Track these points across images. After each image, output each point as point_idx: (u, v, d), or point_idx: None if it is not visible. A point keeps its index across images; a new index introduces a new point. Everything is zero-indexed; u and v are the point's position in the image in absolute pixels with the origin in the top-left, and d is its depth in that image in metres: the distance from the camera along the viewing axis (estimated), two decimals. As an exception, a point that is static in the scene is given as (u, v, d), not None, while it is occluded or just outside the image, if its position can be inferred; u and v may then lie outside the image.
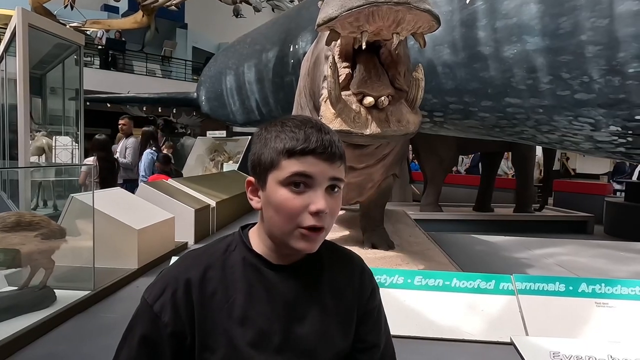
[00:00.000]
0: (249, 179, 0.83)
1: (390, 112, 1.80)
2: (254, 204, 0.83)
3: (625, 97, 2.97)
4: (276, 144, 0.77)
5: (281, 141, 0.77)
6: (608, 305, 1.66)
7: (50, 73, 6.95)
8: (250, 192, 0.83)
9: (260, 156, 0.79)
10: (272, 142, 0.78)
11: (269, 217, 0.79)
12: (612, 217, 7.70)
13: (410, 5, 1.51)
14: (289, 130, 0.78)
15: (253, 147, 0.82)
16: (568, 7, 2.99)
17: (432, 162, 7.30)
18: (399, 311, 1.71)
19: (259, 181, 0.80)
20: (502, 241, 3.54)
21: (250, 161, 0.82)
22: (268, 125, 0.82)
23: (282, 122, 0.81)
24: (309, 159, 0.76)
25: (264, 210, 0.80)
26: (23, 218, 1.70)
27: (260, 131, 0.83)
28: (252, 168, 0.81)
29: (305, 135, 0.77)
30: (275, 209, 0.77)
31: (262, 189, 0.80)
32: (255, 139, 0.83)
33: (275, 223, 0.78)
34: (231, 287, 0.79)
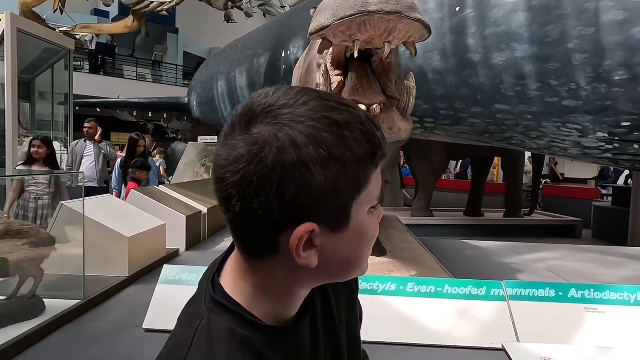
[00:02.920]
0: (303, 229, 0.47)
1: (382, 120, 1.82)
2: (313, 260, 0.50)
3: (612, 104, 3.03)
4: (357, 151, 0.48)
5: (361, 144, 0.48)
6: (597, 311, 1.69)
7: (39, 78, 6.89)
8: (305, 248, 0.49)
9: (337, 181, 0.47)
10: (348, 151, 0.47)
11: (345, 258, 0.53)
12: (600, 222, 7.81)
13: (401, 14, 1.53)
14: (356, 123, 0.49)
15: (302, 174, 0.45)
16: (555, 15, 3.04)
17: (423, 167, 7.36)
18: (391, 318, 1.71)
19: (331, 221, 0.49)
20: (493, 246, 3.57)
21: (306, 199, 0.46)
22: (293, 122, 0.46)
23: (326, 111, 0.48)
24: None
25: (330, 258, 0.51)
26: (11, 226, 1.67)
27: (285, 139, 0.46)
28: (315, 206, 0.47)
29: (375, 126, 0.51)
30: (362, 242, 0.53)
31: (336, 232, 0.50)
32: (288, 158, 0.45)
33: (356, 261, 0.54)
34: None
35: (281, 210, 0.46)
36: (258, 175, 0.45)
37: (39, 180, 3.87)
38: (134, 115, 11.30)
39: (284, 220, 0.47)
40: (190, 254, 3.11)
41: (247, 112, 0.49)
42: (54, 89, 6.75)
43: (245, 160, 0.46)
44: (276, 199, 0.46)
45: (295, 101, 0.48)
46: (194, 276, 1.89)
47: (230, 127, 0.50)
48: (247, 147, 0.46)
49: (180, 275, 1.90)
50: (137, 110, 11.00)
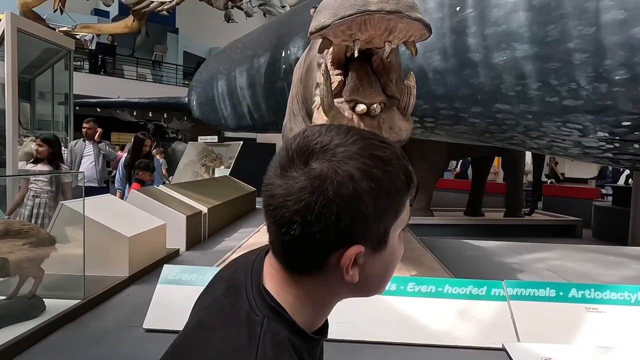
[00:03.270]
0: (354, 251, 0.54)
1: (382, 120, 1.81)
2: (355, 277, 0.57)
3: (612, 104, 3.02)
4: (398, 183, 0.56)
5: (399, 177, 0.56)
6: (598, 310, 1.68)
7: (39, 77, 6.88)
8: (353, 265, 0.56)
9: (383, 209, 0.55)
10: (391, 183, 0.55)
11: (378, 276, 0.60)
12: (600, 221, 7.81)
13: (401, 14, 1.53)
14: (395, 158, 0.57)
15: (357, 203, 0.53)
16: (556, 15, 3.04)
17: (423, 167, 7.35)
18: (392, 318, 1.71)
19: (374, 243, 0.57)
20: (493, 246, 3.57)
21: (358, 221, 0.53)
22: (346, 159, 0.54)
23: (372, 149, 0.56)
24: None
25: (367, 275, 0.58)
26: (11, 226, 1.67)
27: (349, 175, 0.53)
28: (364, 228, 0.54)
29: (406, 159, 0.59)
30: (392, 262, 0.61)
31: (374, 250, 0.57)
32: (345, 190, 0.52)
33: (384, 279, 0.62)
34: None
35: (337, 234, 0.54)
36: (320, 204, 0.52)
37: (38, 178, 3.87)
38: (134, 115, 11.29)
39: (339, 242, 0.54)
40: (191, 254, 3.11)
41: (305, 148, 0.56)
42: (54, 88, 6.75)
43: (309, 191, 0.53)
44: (334, 225, 0.53)
45: (347, 140, 0.56)
46: (194, 276, 1.89)
47: (289, 161, 0.56)
48: (309, 180, 0.53)
49: (180, 275, 1.90)
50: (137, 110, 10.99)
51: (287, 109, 2.92)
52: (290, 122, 2.76)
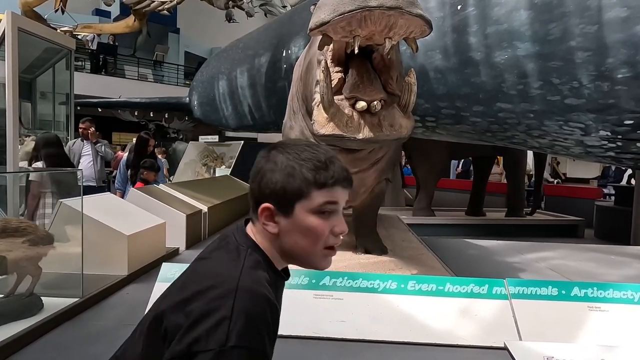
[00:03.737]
0: (266, 206, 0.84)
1: (382, 117, 1.80)
2: (270, 229, 0.85)
3: (615, 102, 3.00)
4: (305, 175, 0.82)
5: (310, 172, 0.82)
6: (600, 309, 1.67)
7: (40, 77, 6.88)
8: (266, 218, 0.85)
9: (285, 186, 0.82)
10: (299, 172, 0.82)
11: (293, 241, 0.85)
12: (602, 221, 7.78)
13: (402, 10, 1.51)
14: (314, 160, 0.83)
15: (271, 175, 0.83)
16: (557, 13, 3.02)
17: (425, 167, 7.33)
18: (392, 316, 1.70)
19: (282, 209, 0.83)
20: (495, 245, 3.55)
21: (268, 189, 0.83)
22: (281, 151, 0.85)
23: (299, 150, 0.85)
24: (337, 189, 0.84)
25: (286, 236, 0.85)
26: (9, 224, 1.66)
27: (275, 158, 0.85)
28: (273, 196, 0.83)
29: (333, 168, 0.84)
30: (303, 234, 0.84)
31: (284, 216, 0.84)
32: (270, 165, 0.84)
33: (301, 246, 0.85)
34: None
35: (258, 191, 0.86)
36: (256, 170, 0.87)
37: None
38: (135, 115, 11.29)
39: (259, 198, 0.85)
40: (190, 253, 3.10)
41: (275, 145, 0.89)
42: (55, 88, 6.74)
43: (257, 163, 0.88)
44: (256, 185, 0.86)
45: (291, 145, 0.87)
46: (193, 274, 1.88)
47: (268, 150, 0.89)
48: (262, 159, 0.88)
49: (179, 273, 1.88)
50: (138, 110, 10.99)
51: (287, 107, 2.91)
52: (290, 120, 2.74)
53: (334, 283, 1.81)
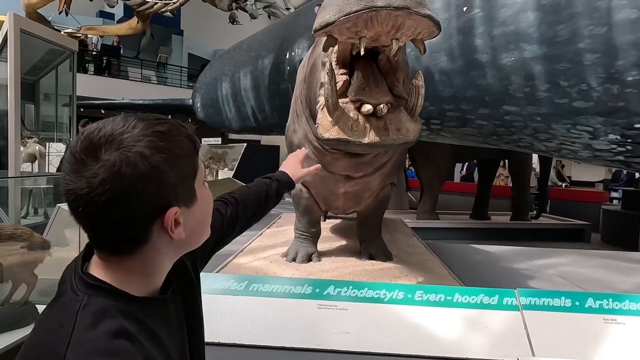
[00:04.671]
0: (171, 212, 0.64)
1: (389, 120, 1.74)
2: (181, 233, 0.67)
3: (624, 105, 2.94)
4: (187, 147, 0.68)
5: (186, 142, 0.68)
6: (616, 322, 1.60)
7: (43, 79, 6.88)
8: (175, 223, 0.66)
9: (180, 171, 0.65)
10: (180, 150, 0.66)
11: (199, 224, 0.72)
12: (609, 225, 7.68)
13: (410, 10, 1.46)
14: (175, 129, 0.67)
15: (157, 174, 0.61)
16: (566, 14, 2.96)
17: (429, 170, 7.27)
18: (399, 328, 1.64)
19: (186, 200, 0.67)
20: (502, 251, 3.49)
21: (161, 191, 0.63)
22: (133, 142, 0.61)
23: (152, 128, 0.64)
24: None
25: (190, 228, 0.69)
26: (4, 230, 1.62)
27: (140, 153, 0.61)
28: (172, 194, 0.64)
29: (185, 128, 0.71)
30: (205, 209, 0.73)
31: (188, 207, 0.68)
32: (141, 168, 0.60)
33: (204, 225, 0.74)
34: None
35: (152, 205, 0.62)
36: (125, 188, 0.59)
37: None
38: (138, 116, 11.28)
39: (156, 212, 0.63)
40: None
41: (90, 146, 0.60)
42: (59, 90, 6.74)
43: (110, 181, 0.58)
44: (146, 199, 0.61)
45: (127, 127, 0.62)
46: (193, 282, 1.82)
47: (79, 162, 0.60)
48: (106, 172, 0.58)
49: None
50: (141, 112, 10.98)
51: (291, 109, 2.86)
52: (293, 123, 2.70)
53: (339, 293, 1.76)
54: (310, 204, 2.76)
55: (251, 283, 1.87)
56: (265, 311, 1.76)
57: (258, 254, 2.91)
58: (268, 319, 1.73)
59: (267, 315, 1.75)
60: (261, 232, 3.61)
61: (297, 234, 2.89)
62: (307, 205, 2.76)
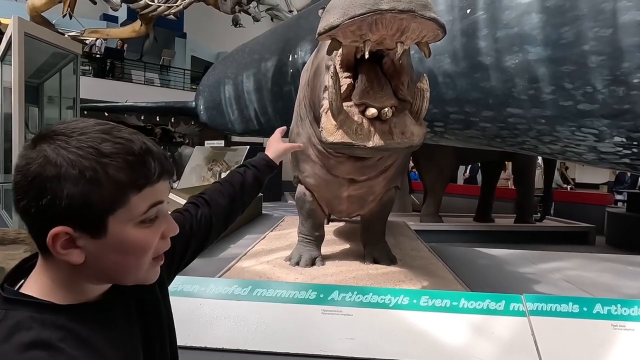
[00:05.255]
0: (58, 230, 0.58)
1: (393, 124, 1.73)
2: (74, 257, 0.60)
3: (630, 108, 2.92)
4: (116, 177, 0.59)
5: (122, 172, 0.59)
6: (625, 328, 1.57)
7: (47, 82, 6.90)
8: (63, 246, 0.59)
9: (89, 198, 0.58)
10: (105, 176, 0.58)
11: (111, 263, 0.63)
12: (614, 228, 7.63)
13: (415, 13, 1.45)
14: (124, 154, 0.60)
15: (58, 185, 0.57)
16: (570, 17, 2.95)
17: (432, 172, 7.24)
18: (404, 334, 1.62)
19: (87, 229, 0.60)
20: (506, 255, 3.46)
21: (58, 207, 0.57)
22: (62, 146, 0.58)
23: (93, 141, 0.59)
24: (160, 185, 0.64)
25: (98, 260, 0.62)
26: (7, 235, 1.61)
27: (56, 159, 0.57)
28: (70, 215, 0.58)
29: (152, 159, 0.62)
30: (126, 252, 0.63)
31: (93, 238, 0.60)
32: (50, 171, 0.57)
33: (123, 265, 0.64)
34: None
35: (38, 214, 0.58)
36: (22, 183, 0.58)
37: None
38: (142, 119, 11.32)
39: (44, 222, 0.58)
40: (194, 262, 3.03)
41: (41, 133, 0.61)
42: (62, 93, 6.76)
43: (19, 169, 0.59)
44: (34, 204, 0.57)
45: (75, 131, 0.59)
46: (197, 287, 1.81)
47: (29, 143, 0.61)
48: (24, 160, 0.58)
49: (182, 286, 1.82)
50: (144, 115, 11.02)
51: (294, 113, 2.85)
52: (297, 126, 2.69)
53: (343, 298, 1.74)
54: (314, 207, 2.75)
55: (255, 288, 1.86)
56: (269, 316, 1.75)
57: (261, 257, 2.89)
58: (272, 324, 1.72)
59: (271, 320, 1.74)
60: (264, 236, 3.60)
61: (300, 237, 2.88)
62: (310, 208, 2.75)
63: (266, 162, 1.28)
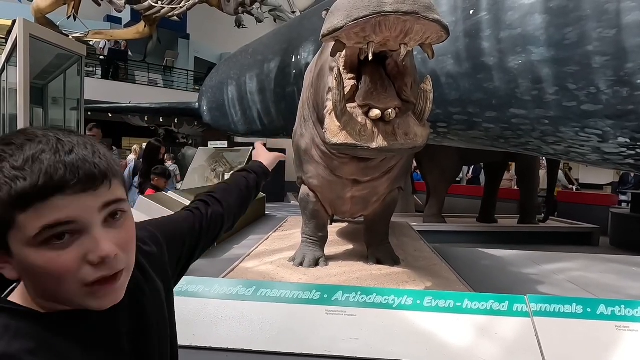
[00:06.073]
0: None
1: (397, 125, 1.74)
2: (7, 273, 0.58)
3: (634, 108, 2.91)
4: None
5: (1, 187, 0.52)
6: (629, 329, 1.57)
7: (52, 83, 6.94)
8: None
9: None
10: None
11: (36, 286, 0.58)
12: (618, 229, 7.60)
13: (418, 15, 1.45)
14: (9, 167, 0.52)
15: None
16: (574, 17, 2.94)
17: (435, 173, 7.23)
18: (408, 334, 1.63)
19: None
20: (510, 255, 3.46)
21: None
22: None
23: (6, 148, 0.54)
24: (57, 200, 0.53)
25: (26, 279, 0.58)
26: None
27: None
28: None
29: (37, 169, 0.52)
30: (38, 276, 0.56)
31: (7, 255, 0.56)
32: None
33: (48, 290, 0.58)
34: None
35: None
36: None
37: None
38: (145, 120, 11.36)
39: None
40: (198, 262, 3.01)
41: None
42: (67, 94, 6.79)
43: None
44: None
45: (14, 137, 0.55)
46: (201, 287, 1.82)
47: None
48: None
49: (186, 287, 1.83)
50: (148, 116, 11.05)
51: (298, 114, 2.86)
52: (300, 127, 2.70)
53: (347, 298, 1.75)
54: (317, 208, 2.76)
55: (259, 288, 1.87)
56: (273, 317, 1.76)
57: (265, 258, 2.90)
58: (276, 324, 1.73)
59: (276, 320, 1.74)
60: (268, 236, 3.61)
61: (304, 238, 2.88)
62: (314, 209, 2.76)
63: (263, 169, 1.32)
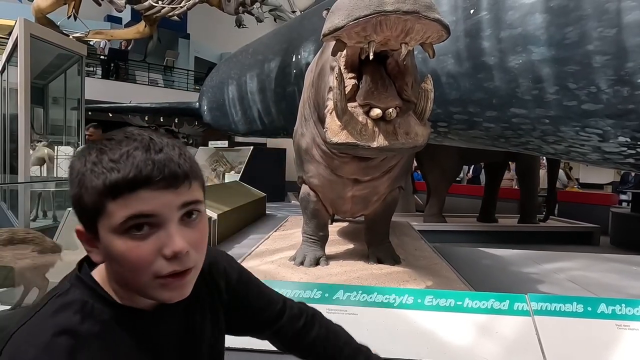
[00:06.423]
0: (78, 228, 0.63)
1: (398, 125, 1.74)
2: (94, 256, 0.64)
3: (635, 108, 2.91)
4: (94, 181, 0.59)
5: (99, 176, 0.58)
6: (630, 328, 1.58)
7: (52, 83, 6.95)
8: (87, 243, 0.64)
9: (79, 200, 0.61)
10: (88, 178, 0.59)
11: (115, 271, 0.63)
12: (619, 228, 7.60)
13: (419, 14, 1.46)
14: (107, 159, 0.59)
15: (70, 186, 0.62)
16: (574, 17, 2.95)
17: (435, 173, 7.24)
18: (409, 333, 1.63)
19: (89, 230, 0.62)
20: (510, 255, 3.46)
21: (74, 206, 0.63)
22: (85, 151, 0.62)
23: (101, 147, 0.61)
24: (143, 193, 0.58)
25: (108, 264, 0.64)
26: (16, 234, 1.63)
27: (74, 160, 0.63)
28: (77, 214, 0.63)
29: (130, 163, 0.58)
30: (118, 262, 0.61)
31: (96, 239, 0.62)
32: (70, 172, 0.63)
33: (125, 277, 0.63)
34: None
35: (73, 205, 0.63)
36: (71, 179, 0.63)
37: None
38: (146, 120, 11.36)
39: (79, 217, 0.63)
40: (200, 262, 3.04)
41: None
42: (67, 94, 6.81)
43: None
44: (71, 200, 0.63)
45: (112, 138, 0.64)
46: (203, 286, 1.82)
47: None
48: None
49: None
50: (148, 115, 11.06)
51: (299, 113, 2.86)
52: (301, 127, 2.70)
53: (348, 297, 1.75)
54: (318, 207, 2.76)
55: (260, 287, 1.87)
56: (274, 316, 1.76)
57: (266, 257, 2.91)
58: (277, 323, 1.73)
59: (276, 319, 1.74)
60: (268, 236, 3.61)
61: (304, 237, 2.89)
62: (315, 208, 2.77)
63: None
